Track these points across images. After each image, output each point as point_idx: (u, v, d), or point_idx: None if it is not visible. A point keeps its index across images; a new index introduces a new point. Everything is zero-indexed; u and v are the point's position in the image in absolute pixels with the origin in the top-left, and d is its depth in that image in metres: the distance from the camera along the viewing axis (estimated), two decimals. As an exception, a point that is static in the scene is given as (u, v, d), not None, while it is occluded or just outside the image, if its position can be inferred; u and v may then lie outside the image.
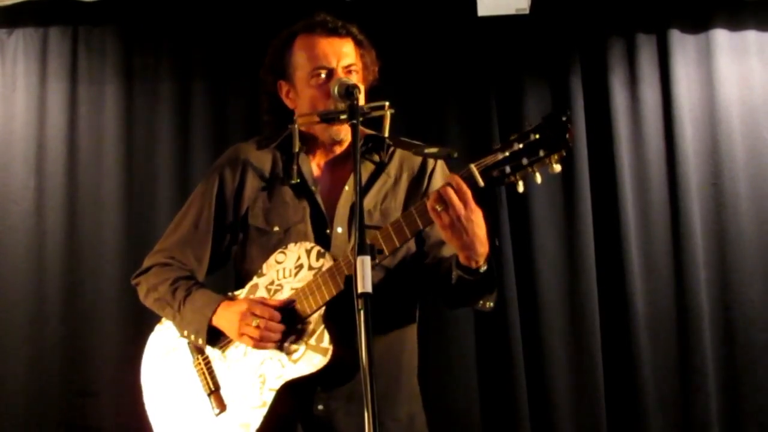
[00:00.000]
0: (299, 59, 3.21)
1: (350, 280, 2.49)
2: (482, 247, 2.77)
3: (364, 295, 2.34)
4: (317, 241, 3.07)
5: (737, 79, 5.25)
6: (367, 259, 2.39)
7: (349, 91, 2.87)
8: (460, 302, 3.13)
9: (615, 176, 5.18)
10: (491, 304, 3.03)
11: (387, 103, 3.03)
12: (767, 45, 5.28)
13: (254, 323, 2.99)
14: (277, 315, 2.99)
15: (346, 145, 3.23)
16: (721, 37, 5.26)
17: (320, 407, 3.02)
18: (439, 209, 2.69)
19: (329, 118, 3.04)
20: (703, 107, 5.25)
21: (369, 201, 3.14)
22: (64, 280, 5.29)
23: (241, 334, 3.03)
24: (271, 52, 3.31)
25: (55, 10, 5.49)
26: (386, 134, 3.08)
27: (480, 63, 5.33)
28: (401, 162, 3.24)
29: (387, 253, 2.86)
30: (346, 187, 3.17)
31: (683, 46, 5.29)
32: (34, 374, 5.20)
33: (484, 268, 2.84)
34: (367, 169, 3.22)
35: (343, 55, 3.16)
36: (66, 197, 5.35)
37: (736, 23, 5.30)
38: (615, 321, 5.12)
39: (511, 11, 5.24)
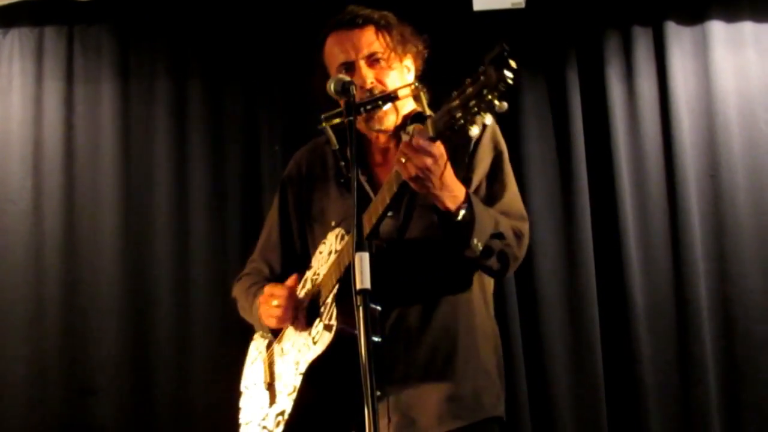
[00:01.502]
0: (329, 59, 3.29)
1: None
2: (449, 192, 2.82)
3: (363, 291, 2.35)
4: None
5: (733, 70, 5.25)
6: (365, 255, 2.39)
7: (345, 88, 2.87)
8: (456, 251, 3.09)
9: (612, 169, 5.17)
10: (480, 248, 2.96)
11: (416, 84, 3.14)
12: (763, 36, 5.28)
13: (274, 303, 3.15)
14: (289, 293, 3.14)
15: (390, 130, 3.26)
16: (716, 28, 5.26)
17: (377, 393, 3.03)
18: (403, 161, 2.73)
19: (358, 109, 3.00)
20: (699, 99, 5.24)
21: None
22: (63, 279, 5.28)
23: (267, 316, 3.21)
24: (315, 56, 3.36)
25: (51, 9, 5.49)
26: (427, 112, 3.09)
27: (475, 57, 5.31)
28: None
29: (368, 231, 2.88)
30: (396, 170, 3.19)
31: (679, 39, 5.29)
32: (34, 373, 5.19)
33: (464, 209, 2.87)
34: None
35: (363, 45, 3.22)
36: (63, 196, 5.34)
37: (731, 15, 5.30)
38: (614, 314, 5.12)
39: (507, 5, 5.24)
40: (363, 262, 2.38)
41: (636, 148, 5.24)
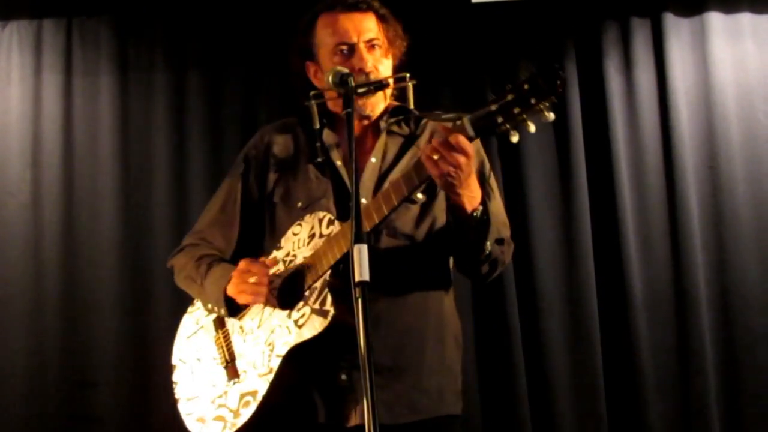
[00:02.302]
0: (322, 38, 3.24)
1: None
2: (470, 192, 2.85)
3: (362, 283, 2.35)
4: (340, 214, 3.10)
5: (732, 61, 5.25)
6: (364, 247, 2.39)
7: (343, 80, 2.87)
8: (465, 253, 3.12)
9: (611, 161, 5.18)
10: (489, 249, 3.02)
11: (407, 75, 3.09)
12: (761, 27, 5.28)
13: (251, 280, 3.07)
14: (266, 271, 3.08)
15: (374, 118, 3.25)
16: (715, 20, 5.26)
17: (343, 377, 3.02)
18: (435, 158, 2.73)
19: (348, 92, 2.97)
20: (698, 90, 5.25)
21: (397, 173, 3.12)
22: (62, 271, 5.29)
23: (240, 292, 3.11)
24: (297, 34, 3.33)
25: (49, 2, 5.49)
26: (411, 105, 3.11)
27: (474, 49, 5.32)
28: (432, 133, 3.25)
29: (377, 221, 2.91)
30: (373, 159, 3.19)
31: (677, 30, 5.29)
32: (34, 366, 5.20)
33: (479, 212, 2.90)
34: (395, 141, 3.25)
35: (365, 29, 3.19)
36: (62, 189, 5.35)
37: (730, 6, 5.30)
38: (613, 305, 5.12)
39: (505, -4, 5.25)
40: (362, 254, 2.38)
41: (634, 140, 5.24)
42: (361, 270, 2.36)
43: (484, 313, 5.14)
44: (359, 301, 2.35)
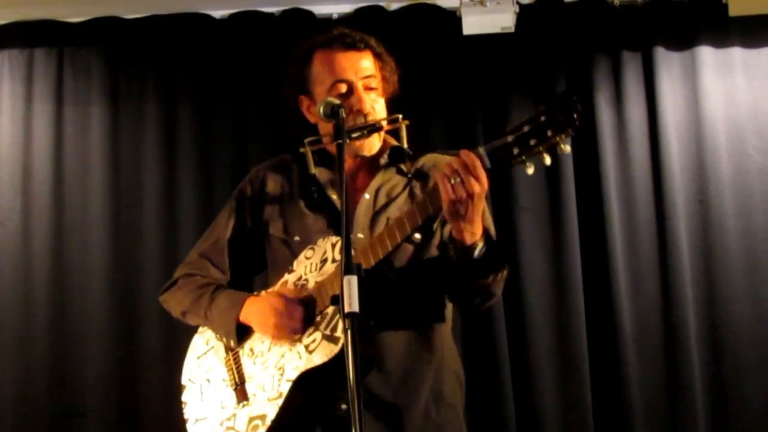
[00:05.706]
0: (318, 74, 3.22)
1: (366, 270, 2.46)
2: (472, 225, 2.80)
3: (351, 314, 2.33)
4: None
5: (722, 95, 5.27)
6: (354, 278, 2.37)
7: (334, 111, 2.86)
8: (461, 283, 3.07)
9: (601, 193, 5.18)
10: (490, 282, 2.98)
11: (400, 116, 3.08)
12: (751, 61, 5.30)
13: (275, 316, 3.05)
14: (298, 307, 3.04)
15: (369, 156, 3.24)
16: (705, 54, 5.28)
17: (343, 407, 2.97)
18: (452, 181, 2.70)
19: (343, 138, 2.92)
20: (688, 124, 5.26)
21: (394, 211, 3.13)
22: (51, 300, 5.27)
23: (265, 327, 3.08)
24: (291, 67, 3.31)
25: (41, 31, 5.50)
26: (405, 145, 3.10)
27: (465, 81, 5.33)
28: (429, 171, 3.24)
29: (381, 256, 2.92)
30: (366, 195, 3.18)
31: (668, 64, 5.30)
32: (22, 395, 5.19)
33: (478, 247, 2.85)
34: (393, 179, 3.23)
35: (362, 68, 3.17)
36: (52, 218, 5.34)
37: (720, 40, 5.32)
38: (603, 339, 5.12)
39: (497, 30, 5.24)
40: (351, 285, 2.36)
41: (625, 173, 5.24)
42: (351, 301, 2.34)
43: (474, 346, 5.12)
44: (348, 332, 2.33)
